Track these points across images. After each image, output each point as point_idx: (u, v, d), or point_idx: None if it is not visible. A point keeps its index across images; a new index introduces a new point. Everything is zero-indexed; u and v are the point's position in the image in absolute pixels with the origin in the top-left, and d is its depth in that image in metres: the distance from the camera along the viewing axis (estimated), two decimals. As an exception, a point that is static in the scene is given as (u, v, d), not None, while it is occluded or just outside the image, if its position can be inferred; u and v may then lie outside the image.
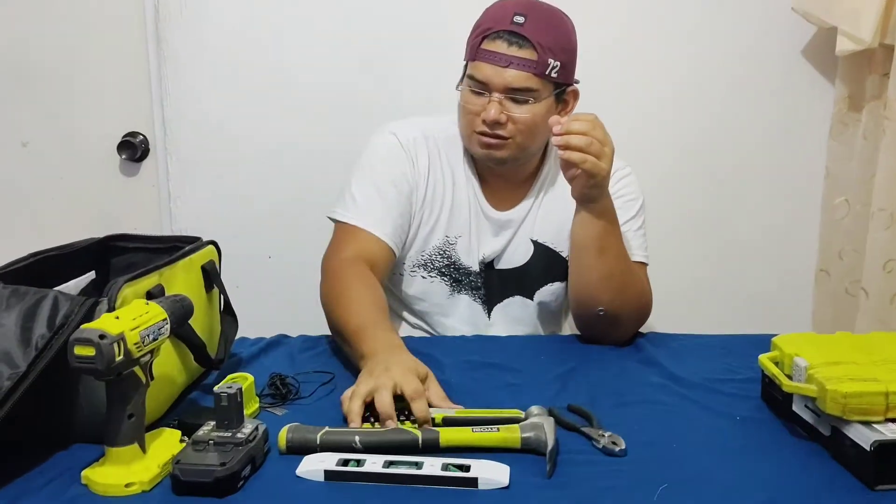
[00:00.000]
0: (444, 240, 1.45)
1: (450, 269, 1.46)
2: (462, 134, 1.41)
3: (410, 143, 1.42)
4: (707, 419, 1.05)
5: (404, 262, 1.47)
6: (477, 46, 1.32)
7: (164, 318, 0.90)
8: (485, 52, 1.31)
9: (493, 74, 1.30)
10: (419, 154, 1.42)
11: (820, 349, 1.02)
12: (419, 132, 1.44)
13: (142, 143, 1.93)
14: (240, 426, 0.90)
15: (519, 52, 1.29)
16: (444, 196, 1.44)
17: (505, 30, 1.30)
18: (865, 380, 0.92)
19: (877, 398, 0.90)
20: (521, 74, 1.30)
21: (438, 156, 1.44)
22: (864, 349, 1.04)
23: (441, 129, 1.45)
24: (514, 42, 1.29)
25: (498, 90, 1.31)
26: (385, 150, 1.42)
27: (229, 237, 1.93)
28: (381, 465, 0.88)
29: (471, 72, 1.34)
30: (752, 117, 1.95)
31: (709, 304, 2.03)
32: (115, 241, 1.24)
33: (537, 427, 0.94)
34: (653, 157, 1.91)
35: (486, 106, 1.32)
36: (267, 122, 1.91)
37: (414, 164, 1.42)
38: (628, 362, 1.26)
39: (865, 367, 0.97)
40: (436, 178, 1.43)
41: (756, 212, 1.99)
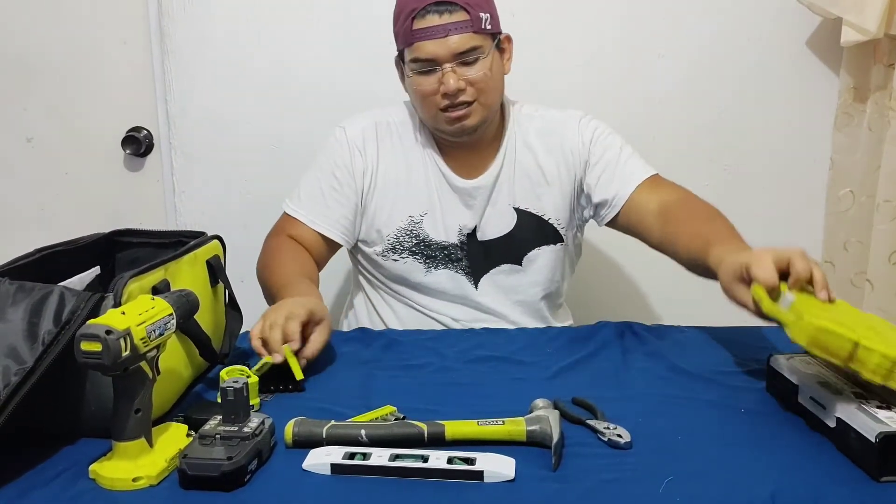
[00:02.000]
0: (408, 220, 1.47)
1: (420, 247, 1.48)
2: (425, 119, 1.43)
3: (357, 134, 1.47)
4: (712, 411, 1.05)
5: (374, 249, 1.51)
6: (409, 30, 1.33)
7: (169, 314, 0.91)
8: (419, 31, 1.32)
9: (436, 48, 1.32)
10: (367, 143, 1.47)
11: (814, 301, 1.04)
12: (369, 121, 1.49)
13: (146, 138, 1.93)
14: (246, 420, 0.91)
15: (451, 17, 1.31)
16: (397, 179, 1.47)
17: (429, 3, 1.31)
18: (843, 325, 0.93)
19: (845, 343, 0.91)
20: (463, 37, 1.32)
21: (390, 140, 1.48)
22: (857, 316, 1.04)
23: (393, 114, 1.50)
24: (443, 10, 1.31)
25: (447, 60, 1.33)
26: (332, 146, 1.49)
27: (234, 231, 1.95)
28: (387, 459, 0.88)
29: (412, 55, 1.35)
30: (757, 109, 1.94)
31: (713, 295, 2.01)
32: (120, 236, 1.25)
33: (542, 420, 0.94)
34: (657, 148, 1.90)
35: (440, 80, 1.34)
36: (271, 116, 1.91)
37: (360, 154, 1.46)
38: (633, 354, 1.26)
39: (848, 321, 0.97)
40: (387, 163, 1.47)
41: (760, 203, 1.98)
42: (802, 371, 1.04)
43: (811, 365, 1.07)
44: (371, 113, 1.52)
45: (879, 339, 0.93)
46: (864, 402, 0.94)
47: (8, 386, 0.85)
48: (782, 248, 1.07)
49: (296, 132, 1.92)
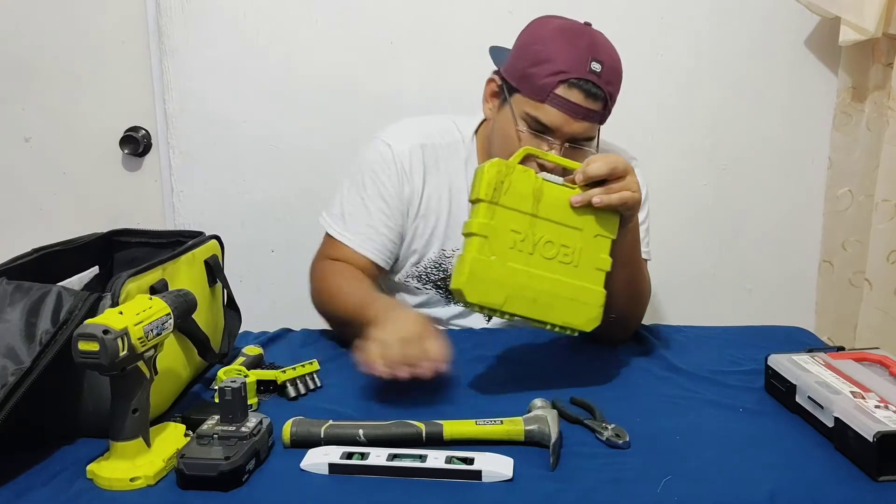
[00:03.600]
0: (439, 253, 1.41)
1: (445, 283, 1.42)
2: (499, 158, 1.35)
3: (405, 154, 1.36)
4: (710, 411, 1.05)
5: (398, 273, 1.45)
6: (550, 89, 1.21)
7: (167, 313, 0.91)
8: (560, 98, 1.21)
9: (563, 124, 1.23)
10: (414, 167, 1.37)
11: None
12: (416, 140, 1.38)
13: (144, 137, 1.93)
14: (244, 420, 0.91)
15: (593, 104, 1.22)
16: (439, 208, 1.39)
17: (583, 78, 1.21)
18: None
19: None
20: (590, 126, 1.25)
21: (436, 165, 1.38)
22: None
23: (440, 134, 1.40)
24: (591, 94, 1.21)
25: (563, 138, 1.24)
26: (378, 163, 1.37)
27: (232, 231, 1.94)
28: (386, 459, 0.88)
29: (536, 113, 1.23)
30: (755, 108, 1.94)
31: (712, 295, 2.03)
32: (119, 235, 1.24)
33: (540, 420, 0.94)
34: (656, 148, 1.91)
35: (544, 147, 1.23)
36: (269, 116, 1.91)
37: (408, 178, 1.37)
38: (632, 355, 1.26)
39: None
40: (430, 190, 1.38)
41: (759, 203, 1.98)
42: (801, 371, 1.04)
43: (809, 364, 1.07)
44: (415, 128, 1.40)
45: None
46: (863, 402, 0.94)
47: (5, 386, 0.85)
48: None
49: (295, 132, 1.92)
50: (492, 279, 1.03)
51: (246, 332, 1.35)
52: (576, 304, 1.07)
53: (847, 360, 1.08)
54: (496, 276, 1.03)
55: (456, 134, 1.40)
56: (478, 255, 1.03)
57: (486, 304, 1.04)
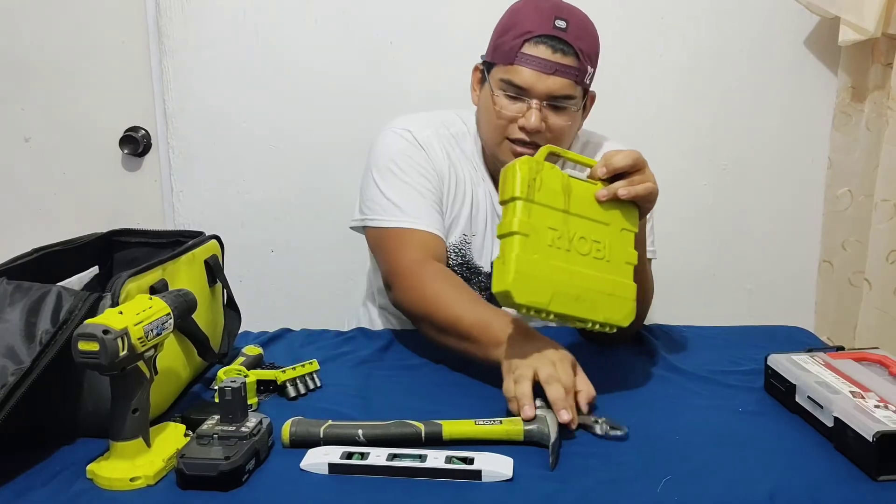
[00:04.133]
0: (461, 237, 1.40)
1: (462, 268, 1.42)
2: (487, 139, 1.35)
3: (427, 139, 1.37)
4: (710, 411, 1.05)
5: None
6: (517, 50, 1.24)
7: (167, 313, 0.91)
8: (527, 56, 1.24)
9: (535, 81, 1.24)
10: (436, 151, 1.37)
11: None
12: (430, 129, 1.38)
13: (144, 137, 1.93)
14: (244, 420, 0.91)
15: (563, 58, 1.23)
16: (465, 193, 1.39)
17: (548, 34, 1.23)
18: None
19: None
20: (564, 82, 1.24)
21: (454, 153, 1.39)
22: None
23: (447, 126, 1.41)
24: (558, 48, 1.23)
25: (539, 97, 1.25)
26: (406, 149, 1.36)
27: (232, 231, 1.94)
28: (385, 458, 0.88)
29: (507, 76, 1.26)
30: (755, 108, 1.94)
31: (711, 294, 2.03)
32: (118, 235, 1.24)
33: (540, 420, 0.94)
34: (656, 148, 1.88)
35: (524, 112, 1.26)
36: (269, 116, 1.91)
37: (435, 162, 1.36)
38: (631, 354, 1.26)
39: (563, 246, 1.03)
40: (454, 174, 1.38)
41: (759, 203, 1.99)
42: (800, 371, 1.04)
43: (809, 364, 1.07)
44: (422, 119, 1.40)
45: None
46: (862, 402, 0.94)
47: (5, 386, 0.85)
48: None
49: (295, 131, 1.92)
50: (537, 278, 1.00)
51: (245, 332, 1.35)
52: (613, 299, 1.05)
53: (847, 359, 1.08)
54: (541, 274, 1.01)
55: (461, 125, 1.41)
56: (522, 254, 1.00)
57: (533, 304, 1.00)
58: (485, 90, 1.33)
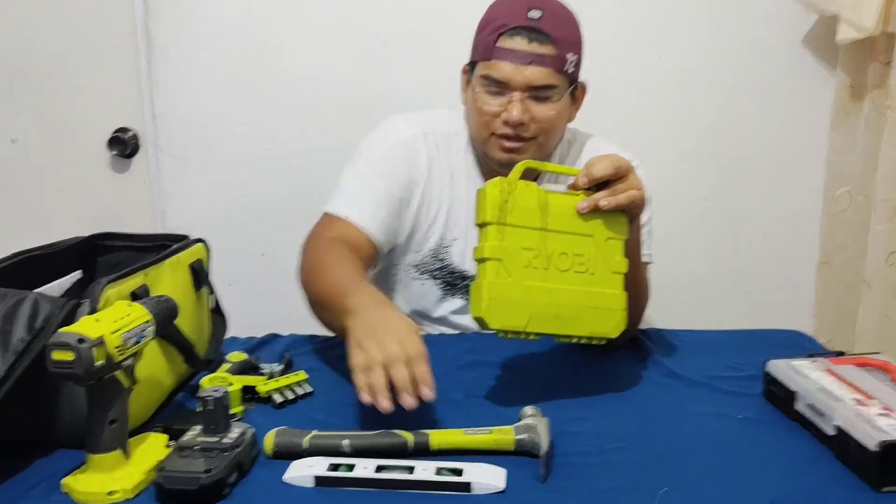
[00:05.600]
0: (438, 242, 1.40)
1: (443, 273, 1.41)
2: (476, 137, 1.34)
3: (411, 140, 1.36)
4: (708, 419, 1.03)
5: (400, 263, 1.43)
6: (492, 44, 1.24)
7: (147, 320, 0.88)
8: (502, 49, 1.24)
9: (513, 73, 1.23)
10: (419, 153, 1.36)
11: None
12: (418, 129, 1.37)
13: (132, 139, 1.90)
14: (227, 430, 0.88)
15: (540, 48, 1.23)
16: (441, 197, 1.38)
17: (522, 26, 1.23)
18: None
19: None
20: (543, 71, 1.23)
21: (438, 154, 1.38)
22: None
23: (440, 125, 1.40)
24: (533, 38, 1.22)
25: (519, 89, 1.24)
26: (383, 148, 1.36)
27: (222, 234, 1.91)
28: (373, 470, 0.85)
29: (486, 71, 1.26)
30: (752, 108, 1.92)
31: (709, 296, 2.00)
32: (102, 239, 1.21)
33: (531, 429, 0.92)
34: (653, 149, 1.86)
35: (505, 106, 1.25)
36: (260, 117, 1.88)
37: (415, 164, 1.35)
38: (628, 360, 1.23)
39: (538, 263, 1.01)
40: (434, 178, 1.37)
41: (757, 204, 1.96)
42: (800, 377, 1.02)
43: (809, 370, 1.04)
44: (415, 118, 1.40)
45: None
46: (865, 409, 0.91)
47: (-22, 396, 0.82)
48: None
49: (287, 133, 1.89)
50: (512, 301, 1.01)
51: (233, 338, 1.32)
52: (599, 311, 1.05)
53: (848, 365, 1.05)
54: (515, 297, 1.01)
55: (455, 124, 1.40)
56: (494, 280, 1.00)
57: (509, 328, 1.01)
58: (470, 89, 1.32)
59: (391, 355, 0.93)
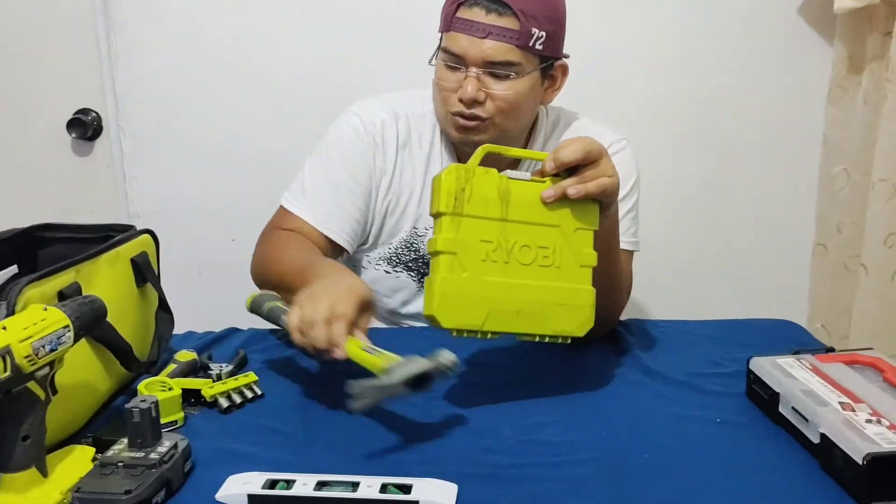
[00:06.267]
0: (411, 231, 1.32)
1: (417, 264, 1.33)
2: (437, 114, 1.26)
3: (376, 126, 1.28)
4: (685, 422, 0.95)
5: (367, 256, 1.36)
6: (451, 15, 1.17)
7: (65, 325, 0.80)
8: (460, 21, 1.16)
9: (469, 46, 1.15)
10: (387, 139, 1.28)
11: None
12: (388, 112, 1.29)
13: (94, 120, 1.82)
14: (155, 444, 0.81)
15: (498, 20, 1.14)
16: (413, 182, 1.30)
17: None
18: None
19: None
20: (502, 46, 1.14)
21: (409, 138, 1.29)
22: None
23: (414, 105, 1.31)
24: (492, 9, 1.14)
25: (475, 64, 1.16)
26: (347, 136, 1.28)
27: (190, 220, 1.85)
28: (313, 488, 0.78)
29: (445, 44, 1.19)
30: (746, 81, 1.83)
31: (700, 281, 1.93)
32: (42, 231, 1.13)
33: (402, 364, 0.87)
34: (643, 127, 1.79)
35: (462, 82, 1.17)
36: (227, 97, 1.79)
37: (379, 151, 1.28)
38: (603, 356, 1.15)
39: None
40: (404, 164, 1.29)
41: (749, 183, 1.89)
42: (785, 377, 0.94)
43: (795, 369, 0.96)
44: (387, 100, 1.31)
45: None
46: (852, 415, 0.84)
47: None
48: None
49: (254, 114, 1.80)
50: (467, 298, 0.93)
51: (189, 332, 1.25)
52: (564, 308, 0.97)
53: (837, 363, 0.98)
54: (471, 294, 0.93)
55: (423, 106, 1.30)
56: (447, 275, 0.93)
57: (464, 326, 0.93)
58: (434, 63, 1.24)
59: (314, 316, 0.91)
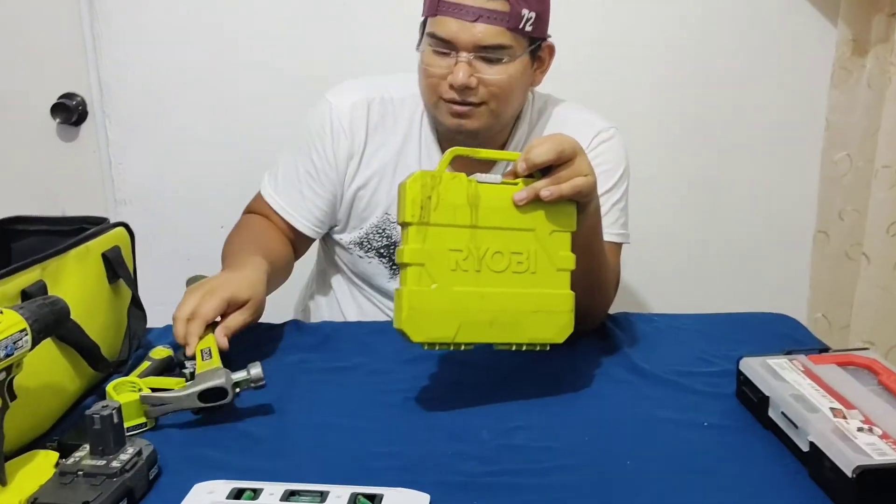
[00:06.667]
0: (383, 217, 1.29)
1: (389, 250, 1.31)
2: (426, 101, 1.22)
3: (345, 111, 1.26)
4: (671, 426, 0.92)
5: (342, 237, 1.35)
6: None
7: (21, 329, 0.77)
8: (448, 4, 1.12)
9: (459, 30, 1.12)
10: (355, 123, 1.26)
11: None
12: (361, 95, 1.26)
13: (79, 105, 1.78)
14: (118, 451, 0.78)
15: (488, 2, 1.10)
16: (383, 168, 1.27)
17: None
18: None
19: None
20: (493, 29, 1.11)
21: (383, 120, 1.26)
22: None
23: (394, 89, 1.28)
24: None
25: (466, 49, 1.12)
26: (315, 124, 1.29)
27: (178, 207, 1.82)
28: (280, 497, 0.75)
29: (432, 29, 1.15)
30: (745, 64, 1.77)
31: (697, 269, 1.89)
32: (14, 223, 1.10)
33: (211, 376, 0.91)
34: (639, 112, 1.75)
35: (452, 68, 1.13)
36: (213, 81, 1.75)
37: (346, 136, 1.26)
38: (590, 353, 1.11)
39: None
40: (374, 148, 1.27)
41: (749, 168, 1.83)
42: (775, 380, 0.91)
43: (786, 371, 0.93)
44: (365, 83, 1.30)
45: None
46: (843, 422, 0.80)
47: None
48: None
49: (242, 99, 1.76)
50: (437, 311, 0.90)
51: (169, 326, 1.21)
52: (541, 315, 0.93)
53: (830, 364, 0.94)
54: (441, 306, 0.90)
55: (406, 89, 1.26)
56: (415, 287, 0.89)
57: (435, 339, 0.90)
58: (421, 49, 1.20)
59: (178, 312, 1.03)
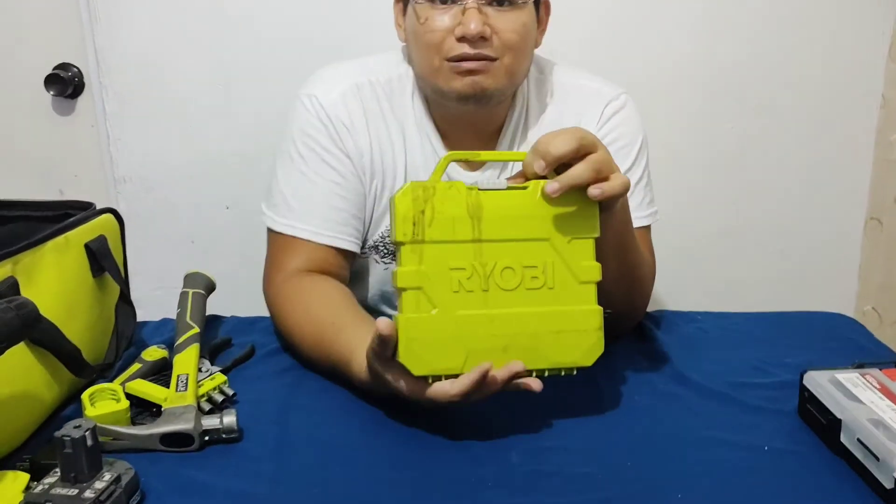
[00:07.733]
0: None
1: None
2: (424, 69, 1.05)
3: (338, 104, 1.09)
4: (725, 450, 0.80)
5: (364, 249, 1.19)
6: None
7: (-20, 338, 0.67)
8: None
9: None
10: (353, 115, 1.09)
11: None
12: (348, 83, 1.10)
13: (75, 76, 1.66)
14: (94, 477, 0.68)
15: None
16: (394, 159, 1.12)
17: None
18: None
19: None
20: None
21: (378, 106, 1.11)
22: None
23: (382, 69, 1.12)
24: None
25: None
26: (309, 124, 1.10)
27: (180, 185, 1.71)
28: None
29: None
30: (792, 36, 1.64)
31: (735, 257, 1.77)
32: (-8, 208, 1.00)
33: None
34: (672, 88, 1.63)
35: (459, 19, 0.98)
36: (216, 51, 1.63)
37: (348, 132, 1.09)
38: (628, 359, 1.00)
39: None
40: (381, 138, 1.11)
41: (796, 149, 1.71)
42: (848, 400, 0.79)
43: (858, 388, 0.81)
44: (344, 69, 1.13)
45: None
46: (936, 456, 0.69)
47: None
48: None
49: (247, 69, 1.64)
50: (439, 339, 0.78)
51: (165, 320, 1.13)
52: (564, 335, 0.81)
53: (910, 380, 0.82)
54: (444, 333, 0.78)
55: (403, 65, 1.12)
56: (412, 315, 0.78)
57: (441, 372, 0.78)
58: (409, 15, 1.05)
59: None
